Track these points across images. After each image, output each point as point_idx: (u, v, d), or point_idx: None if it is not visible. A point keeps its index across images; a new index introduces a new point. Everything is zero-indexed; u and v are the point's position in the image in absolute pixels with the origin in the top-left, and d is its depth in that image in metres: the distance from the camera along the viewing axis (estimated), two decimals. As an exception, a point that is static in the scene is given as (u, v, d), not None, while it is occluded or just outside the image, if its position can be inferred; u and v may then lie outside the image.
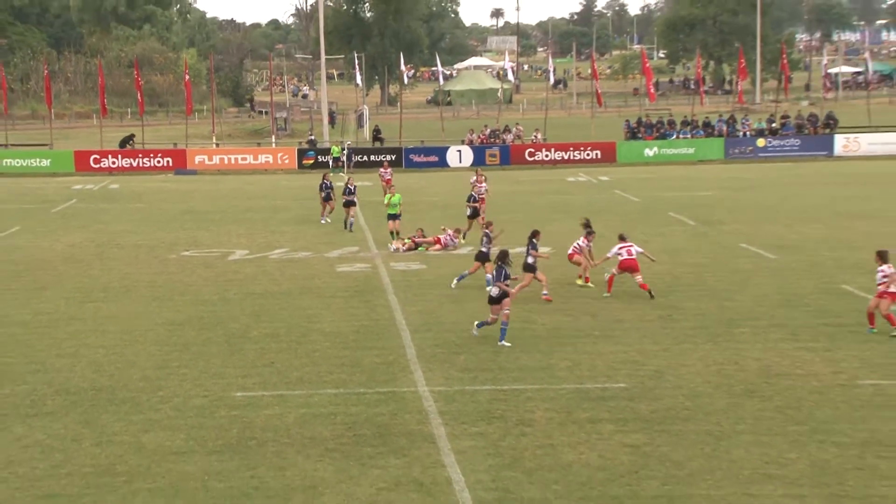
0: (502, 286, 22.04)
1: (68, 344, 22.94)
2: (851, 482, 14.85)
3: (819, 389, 19.03)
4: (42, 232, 39.62)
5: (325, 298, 27.30)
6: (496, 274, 22.24)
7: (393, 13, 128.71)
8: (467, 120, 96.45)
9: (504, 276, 22.06)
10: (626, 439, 16.62)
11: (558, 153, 66.77)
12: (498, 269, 22.20)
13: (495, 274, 22.29)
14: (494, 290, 22.07)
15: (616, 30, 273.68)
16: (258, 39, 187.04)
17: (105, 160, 65.45)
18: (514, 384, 19.58)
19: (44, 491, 14.90)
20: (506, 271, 22.13)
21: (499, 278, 22.03)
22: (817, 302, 25.99)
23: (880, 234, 36.02)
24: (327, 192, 41.16)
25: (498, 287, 21.97)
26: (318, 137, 76.69)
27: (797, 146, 67.30)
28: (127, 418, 17.95)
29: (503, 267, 22.12)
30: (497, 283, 22.00)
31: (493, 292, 22.08)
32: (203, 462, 15.89)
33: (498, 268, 22.23)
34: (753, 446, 16.23)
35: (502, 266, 22.14)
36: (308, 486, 14.96)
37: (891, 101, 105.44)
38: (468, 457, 15.91)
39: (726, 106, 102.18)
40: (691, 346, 22.06)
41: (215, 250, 35.12)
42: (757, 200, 45.79)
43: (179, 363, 21.32)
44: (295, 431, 17.17)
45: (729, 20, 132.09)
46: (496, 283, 22.11)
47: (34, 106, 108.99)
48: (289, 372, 20.61)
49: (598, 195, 49.74)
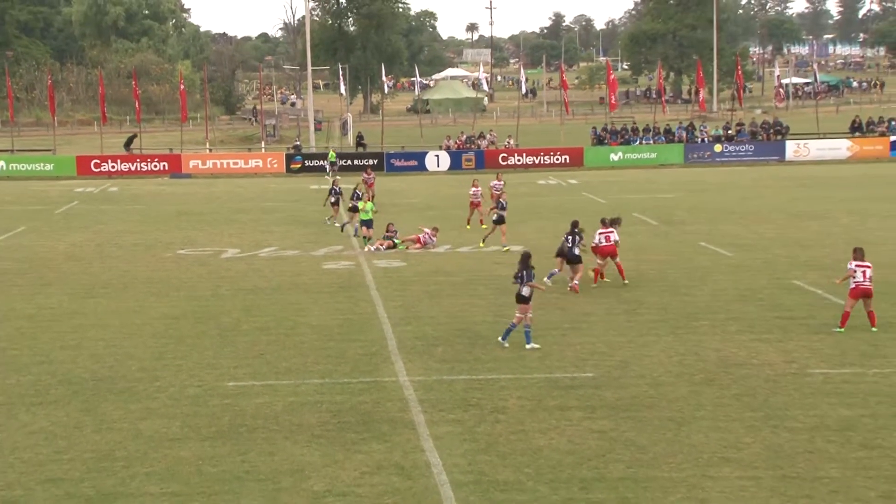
0: (537, 286, 21.60)
1: (71, 337, 22.79)
2: (802, 464, 14.87)
3: (773, 378, 19.07)
4: (46, 232, 39.36)
5: (312, 294, 27.21)
6: (525, 275, 21.29)
7: (375, 27, 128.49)
8: (445, 127, 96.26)
9: (531, 276, 21.58)
10: (594, 425, 16.60)
11: (530, 158, 66.78)
12: (527, 270, 21.40)
13: (525, 275, 21.29)
14: (526, 289, 21.26)
15: (583, 43, 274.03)
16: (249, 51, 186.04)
17: (105, 164, 65.07)
18: (489, 374, 19.55)
19: (47, 475, 14.78)
20: (531, 272, 21.64)
21: (529, 279, 21.48)
22: (771, 296, 26.04)
23: (829, 233, 36.26)
24: (336, 198, 40.48)
25: (529, 287, 21.35)
26: (305, 144, 76.56)
27: (751, 151, 67.54)
28: (125, 406, 17.84)
29: (530, 268, 21.73)
30: (529, 284, 21.35)
31: (525, 292, 21.28)
32: (197, 448, 15.80)
33: (527, 269, 21.44)
34: (712, 431, 16.24)
35: (529, 267, 21.62)
36: (296, 469, 14.89)
37: (837, 109, 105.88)
38: (446, 442, 15.87)
39: (685, 114, 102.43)
40: (654, 338, 22.07)
41: (209, 249, 34.96)
42: (715, 202, 45.90)
43: (175, 355, 21.20)
44: (283, 419, 17.09)
45: (688, 34, 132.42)
46: (528, 284, 21.47)
47: (38, 114, 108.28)
48: (278, 363, 20.53)
49: (568, 197, 49.76)
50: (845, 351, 20.84)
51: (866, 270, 22.12)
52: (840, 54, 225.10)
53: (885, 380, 18.90)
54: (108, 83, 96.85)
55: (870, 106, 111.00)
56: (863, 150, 67.20)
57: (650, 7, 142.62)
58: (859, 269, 22.11)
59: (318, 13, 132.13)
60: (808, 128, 75.40)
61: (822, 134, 71.70)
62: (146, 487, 14.33)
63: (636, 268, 29.90)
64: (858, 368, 19.65)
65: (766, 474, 14.52)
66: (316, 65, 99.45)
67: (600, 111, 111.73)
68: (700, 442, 15.79)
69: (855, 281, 22.13)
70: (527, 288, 21.28)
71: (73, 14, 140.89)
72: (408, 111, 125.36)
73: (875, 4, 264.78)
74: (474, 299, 26.18)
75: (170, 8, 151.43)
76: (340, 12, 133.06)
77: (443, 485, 14.25)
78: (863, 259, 22.26)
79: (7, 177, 62.80)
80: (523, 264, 21.50)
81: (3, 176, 62.80)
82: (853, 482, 14.21)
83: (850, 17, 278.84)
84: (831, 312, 24.02)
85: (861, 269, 22.10)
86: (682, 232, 37.22)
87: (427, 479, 14.47)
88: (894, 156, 66.25)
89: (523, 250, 23.35)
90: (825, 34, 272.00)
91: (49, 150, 70.99)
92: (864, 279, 22.05)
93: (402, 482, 14.39)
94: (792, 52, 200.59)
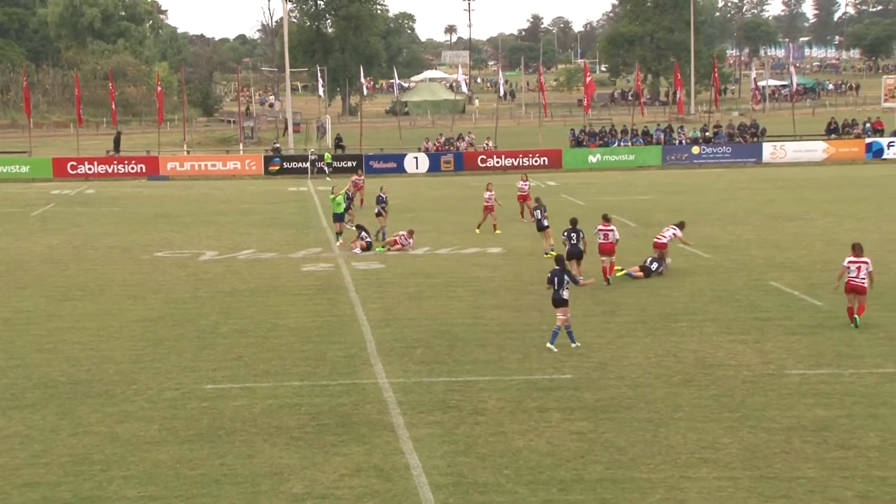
0: (586, 282, 21.57)
1: (47, 340, 22.68)
2: (779, 465, 14.96)
3: (750, 379, 19.16)
4: (22, 234, 39.12)
5: (291, 296, 27.15)
6: (564, 278, 21.11)
7: (353, 29, 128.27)
8: (423, 129, 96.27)
9: (572, 278, 21.56)
10: (573, 427, 16.64)
11: (508, 160, 66.81)
12: (565, 274, 21.26)
13: (563, 278, 21.08)
14: (566, 292, 21.15)
15: (561, 45, 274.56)
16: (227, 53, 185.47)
17: (81, 167, 64.70)
18: (468, 376, 19.57)
19: (23, 479, 14.70)
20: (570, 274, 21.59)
21: (573, 281, 21.43)
22: (748, 298, 26.17)
23: (806, 234, 36.45)
24: (381, 206, 37.17)
25: (581, 284, 21.24)
26: (283, 145, 76.40)
27: (729, 153, 67.77)
28: (103, 410, 17.76)
29: (567, 271, 21.49)
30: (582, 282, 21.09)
31: (566, 295, 21.16)
32: (175, 451, 15.75)
33: (564, 272, 21.31)
34: (690, 432, 16.31)
35: (566, 270, 21.45)
36: (274, 472, 14.86)
37: (813, 111, 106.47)
38: (425, 444, 15.88)
39: (663, 116, 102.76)
40: (632, 340, 22.13)
41: (186, 251, 34.84)
42: (692, 204, 46.05)
43: (153, 358, 21.13)
44: (262, 421, 17.06)
45: (665, 37, 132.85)
46: (579, 283, 21.52)
47: (13, 115, 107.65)
48: (256, 365, 20.49)
49: (547, 199, 49.63)
50: (822, 352, 20.96)
51: (861, 266, 22.48)
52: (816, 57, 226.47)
53: (860, 380, 19.02)
54: (84, 85, 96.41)
55: (845, 108, 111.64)
56: (839, 151, 67.51)
57: (627, 9, 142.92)
58: (853, 266, 22.51)
59: (295, 15, 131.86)
60: (785, 130, 75.78)
61: (798, 136, 72.06)
62: (124, 491, 14.27)
63: (614, 269, 30.04)
64: (835, 369, 19.76)
65: (744, 475, 14.59)
66: (294, 66, 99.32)
67: (579, 113, 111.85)
68: (678, 443, 15.85)
69: (848, 276, 22.59)
70: (566, 291, 21.23)
71: (49, 15, 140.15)
72: (386, 113, 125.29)
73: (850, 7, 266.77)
74: (453, 301, 26.19)
75: (147, 9, 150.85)
76: (318, 14, 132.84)
77: (422, 487, 14.26)
78: (860, 255, 22.62)
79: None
80: (560, 268, 21.48)
81: (-22, 178, 62.35)
82: (830, 482, 14.30)
83: (825, 20, 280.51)
84: (808, 313, 24.19)
85: (856, 266, 22.48)
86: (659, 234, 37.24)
87: (406, 482, 14.47)
88: (870, 158, 66.69)
89: (556, 254, 23.55)
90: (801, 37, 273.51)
91: (24, 153, 70.47)
92: (858, 275, 22.43)
93: (382, 484, 14.39)
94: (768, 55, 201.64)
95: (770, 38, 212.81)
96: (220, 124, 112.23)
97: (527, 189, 40.99)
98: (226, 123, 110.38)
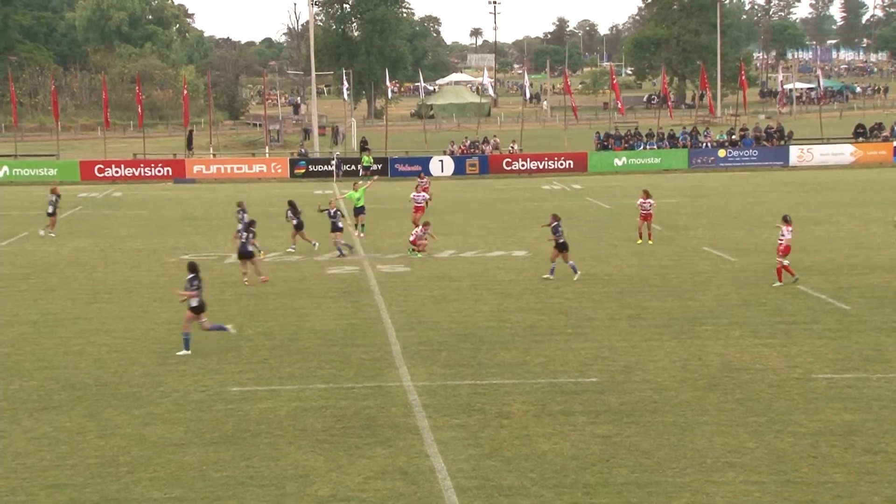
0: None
1: (74, 342, 22.82)
2: (806, 469, 14.88)
3: (776, 383, 19.07)
4: (49, 237, 39.36)
5: (316, 299, 27.21)
6: None
7: (379, 32, 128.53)
8: (449, 132, 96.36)
9: None
10: (598, 430, 16.60)
11: (534, 163, 66.78)
12: None
13: None
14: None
15: (587, 48, 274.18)
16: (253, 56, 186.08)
17: (109, 169, 65.05)
18: (493, 379, 19.56)
19: (50, 481, 14.80)
20: None
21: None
22: (774, 301, 26.04)
23: (832, 237, 36.24)
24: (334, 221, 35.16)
25: None
26: (309, 148, 76.60)
27: (755, 156, 67.52)
28: (129, 412, 17.86)
29: None
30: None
31: None
32: (201, 453, 15.82)
33: None
34: (716, 436, 16.25)
35: None
36: (300, 474, 14.90)
37: (841, 114, 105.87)
38: (450, 447, 15.88)
39: (689, 119, 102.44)
40: (658, 343, 22.07)
41: (212, 254, 34.99)
42: (718, 207, 45.88)
43: (178, 360, 21.22)
44: (287, 424, 17.10)
45: (691, 39, 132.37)
46: None
47: (42, 119, 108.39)
48: (281, 368, 20.54)
49: (571, 202, 49.74)
50: (849, 356, 20.84)
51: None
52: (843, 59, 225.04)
53: (888, 384, 18.89)
54: (111, 88, 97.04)
55: (873, 111, 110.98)
56: (866, 155, 67.17)
57: (654, 12, 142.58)
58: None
59: (321, 18, 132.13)
60: (812, 133, 75.41)
61: (825, 139, 71.70)
62: (150, 493, 14.35)
63: (639, 273, 29.98)
64: (862, 373, 19.64)
65: (770, 479, 14.52)
66: (320, 70, 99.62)
67: (604, 116, 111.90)
68: (704, 447, 15.79)
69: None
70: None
71: (77, 19, 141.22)
72: (412, 116, 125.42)
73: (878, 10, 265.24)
74: (478, 304, 26.18)
75: (173, 13, 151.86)
76: (344, 17, 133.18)
77: (447, 490, 14.26)
78: (789, 224, 27.91)
79: (10, 182, 62.74)
80: None
81: (7, 181, 62.75)
82: (857, 487, 14.21)
83: (853, 23, 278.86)
84: (835, 317, 24.05)
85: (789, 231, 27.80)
86: (685, 237, 37.22)
87: (431, 485, 14.47)
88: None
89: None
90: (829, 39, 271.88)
91: (52, 155, 70.97)
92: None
93: (407, 487, 14.40)
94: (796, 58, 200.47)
95: (797, 41, 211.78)
96: (246, 127, 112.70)
97: (422, 201, 39.87)
98: (252, 127, 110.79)
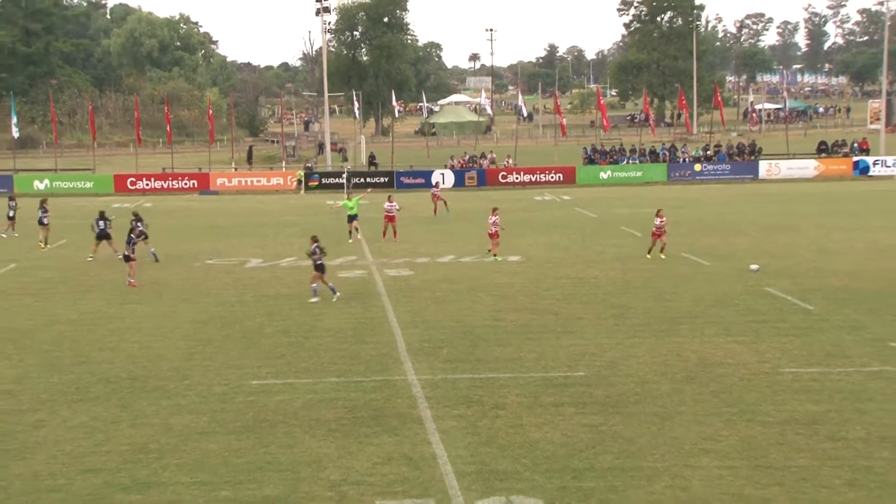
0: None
1: (108, 339, 22.81)
2: (774, 455, 14.86)
3: (747, 377, 19.05)
4: (86, 244, 39.25)
5: (329, 300, 27.18)
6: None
7: (386, 57, 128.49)
8: (449, 148, 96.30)
9: None
10: (585, 420, 16.59)
11: (527, 176, 66.79)
12: None
13: None
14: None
15: (575, 71, 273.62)
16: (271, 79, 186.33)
17: (140, 182, 65.13)
18: (490, 373, 19.54)
19: (87, 466, 14.80)
20: None
21: None
22: (745, 302, 26.02)
23: (797, 244, 36.24)
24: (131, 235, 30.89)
25: None
26: (321, 163, 76.55)
27: (728, 170, 67.54)
28: (158, 403, 17.85)
29: None
30: None
31: None
32: (223, 441, 15.81)
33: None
34: (692, 425, 16.23)
35: None
36: (314, 460, 14.89)
37: (805, 132, 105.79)
38: (450, 435, 15.86)
39: (668, 136, 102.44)
40: (640, 340, 22.05)
41: (234, 259, 34.97)
42: (695, 216, 45.85)
43: (203, 356, 21.22)
44: (302, 414, 17.09)
45: (670, 64, 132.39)
46: None
47: (80, 136, 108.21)
48: (297, 363, 20.53)
49: (561, 212, 49.74)
50: (812, 352, 20.82)
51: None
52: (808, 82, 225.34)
53: (847, 378, 18.88)
54: (142, 108, 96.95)
55: (835, 129, 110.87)
56: (828, 169, 67.29)
57: (636, 39, 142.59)
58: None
59: (334, 45, 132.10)
60: (779, 149, 75.39)
61: (791, 155, 71.76)
62: (177, 477, 14.34)
63: (623, 276, 29.95)
64: (825, 368, 19.62)
65: (742, 464, 14.51)
66: (332, 91, 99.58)
67: (591, 133, 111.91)
68: (681, 434, 15.77)
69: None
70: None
71: (112, 46, 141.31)
72: (416, 133, 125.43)
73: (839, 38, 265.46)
74: (476, 305, 26.16)
75: (199, 40, 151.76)
76: (354, 44, 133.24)
77: (447, 474, 14.24)
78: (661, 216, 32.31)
79: (51, 194, 62.33)
80: None
81: (48, 193, 62.59)
82: (820, 471, 14.20)
83: (816, 49, 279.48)
84: (800, 317, 24.06)
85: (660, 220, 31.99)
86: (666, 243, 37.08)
87: (433, 469, 14.46)
88: (857, 175, 66.39)
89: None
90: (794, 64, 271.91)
91: (89, 170, 71.03)
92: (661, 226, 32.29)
93: (411, 472, 14.38)
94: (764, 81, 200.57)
95: (766, 66, 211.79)
96: (265, 144, 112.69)
97: (394, 211, 38.92)
98: (270, 143, 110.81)
